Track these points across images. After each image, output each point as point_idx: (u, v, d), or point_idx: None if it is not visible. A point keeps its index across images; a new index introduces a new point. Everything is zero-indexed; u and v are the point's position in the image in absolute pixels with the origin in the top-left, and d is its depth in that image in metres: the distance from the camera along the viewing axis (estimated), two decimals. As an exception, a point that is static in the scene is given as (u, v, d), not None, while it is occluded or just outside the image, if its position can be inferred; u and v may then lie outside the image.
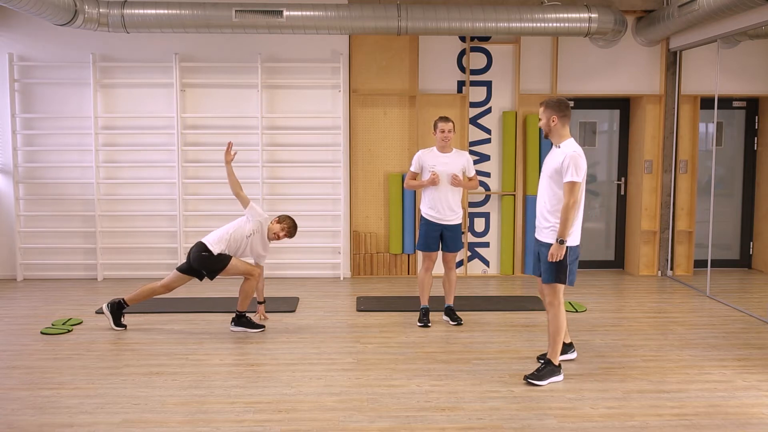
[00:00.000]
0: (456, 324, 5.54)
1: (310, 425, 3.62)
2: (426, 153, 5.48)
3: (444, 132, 5.37)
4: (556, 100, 4.32)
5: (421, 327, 5.48)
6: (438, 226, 5.47)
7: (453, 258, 5.60)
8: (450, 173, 5.37)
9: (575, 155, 4.12)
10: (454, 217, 5.48)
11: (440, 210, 5.44)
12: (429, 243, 5.51)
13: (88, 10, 6.24)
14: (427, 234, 5.50)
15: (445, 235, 5.49)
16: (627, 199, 7.84)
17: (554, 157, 4.25)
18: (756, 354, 4.82)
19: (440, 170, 5.37)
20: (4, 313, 5.94)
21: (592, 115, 7.91)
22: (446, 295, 5.68)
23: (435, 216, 5.45)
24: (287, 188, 7.37)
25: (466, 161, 5.48)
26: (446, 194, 5.42)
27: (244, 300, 5.33)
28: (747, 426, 3.62)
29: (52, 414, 3.76)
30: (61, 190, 7.28)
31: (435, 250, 5.53)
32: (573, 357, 4.65)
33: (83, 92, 7.18)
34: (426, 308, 5.58)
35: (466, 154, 5.52)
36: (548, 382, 4.21)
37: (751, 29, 6.02)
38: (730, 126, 7.86)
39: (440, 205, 5.43)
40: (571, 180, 4.09)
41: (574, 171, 4.09)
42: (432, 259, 5.56)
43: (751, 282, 7.47)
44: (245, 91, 7.25)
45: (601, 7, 6.67)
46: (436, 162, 5.40)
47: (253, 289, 5.34)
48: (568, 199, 4.09)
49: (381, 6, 6.52)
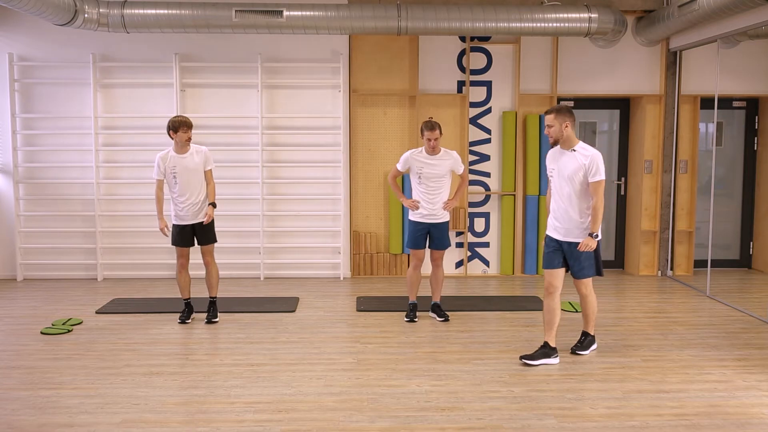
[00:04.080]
0: (443, 320, 5.65)
1: (310, 425, 3.62)
2: (415, 154, 5.57)
3: (430, 141, 5.46)
4: (565, 106, 4.58)
5: (408, 322, 5.64)
6: (425, 225, 5.60)
7: (440, 256, 5.71)
8: (438, 175, 5.51)
9: (597, 156, 4.48)
10: (441, 215, 5.58)
11: (427, 209, 5.56)
12: (417, 241, 5.63)
13: (88, 10, 6.24)
14: (414, 233, 5.64)
15: (432, 233, 5.62)
16: (627, 199, 7.84)
17: (571, 161, 4.50)
18: (756, 354, 4.82)
19: (428, 172, 5.50)
20: (4, 313, 5.94)
21: (592, 115, 7.91)
22: (433, 293, 5.80)
23: (422, 215, 5.57)
24: (287, 188, 7.37)
25: (454, 161, 5.58)
26: (434, 195, 5.54)
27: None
28: (747, 426, 3.62)
29: (52, 414, 3.76)
30: (61, 190, 7.28)
31: (423, 248, 5.66)
32: (556, 362, 4.59)
33: (83, 92, 7.18)
34: (414, 304, 5.73)
35: (454, 154, 5.60)
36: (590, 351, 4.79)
37: (751, 29, 6.02)
38: (730, 126, 7.86)
39: (427, 205, 5.55)
40: (600, 179, 4.46)
41: (601, 170, 4.47)
42: (419, 257, 5.68)
43: (751, 282, 7.47)
44: (245, 91, 7.25)
45: (601, 7, 6.67)
46: (424, 165, 5.52)
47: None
48: (600, 197, 4.48)
49: (381, 6, 6.51)
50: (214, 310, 5.70)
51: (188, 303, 5.69)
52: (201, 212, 5.48)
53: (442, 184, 5.55)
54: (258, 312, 5.96)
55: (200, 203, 5.48)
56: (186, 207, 5.43)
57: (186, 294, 5.67)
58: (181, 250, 5.55)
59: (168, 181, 5.42)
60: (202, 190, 5.48)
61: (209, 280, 5.69)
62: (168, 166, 5.38)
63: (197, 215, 5.48)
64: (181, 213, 5.45)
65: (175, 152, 5.41)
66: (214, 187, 5.59)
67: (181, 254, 5.56)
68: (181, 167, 5.37)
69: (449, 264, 7.51)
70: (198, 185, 5.45)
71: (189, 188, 5.41)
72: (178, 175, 5.37)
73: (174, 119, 5.37)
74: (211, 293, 5.73)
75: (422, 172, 5.51)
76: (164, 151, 5.46)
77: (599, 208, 4.49)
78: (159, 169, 5.41)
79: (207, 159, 5.50)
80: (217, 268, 5.71)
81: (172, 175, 5.38)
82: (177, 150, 5.41)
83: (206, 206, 5.50)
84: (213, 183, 5.56)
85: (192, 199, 5.43)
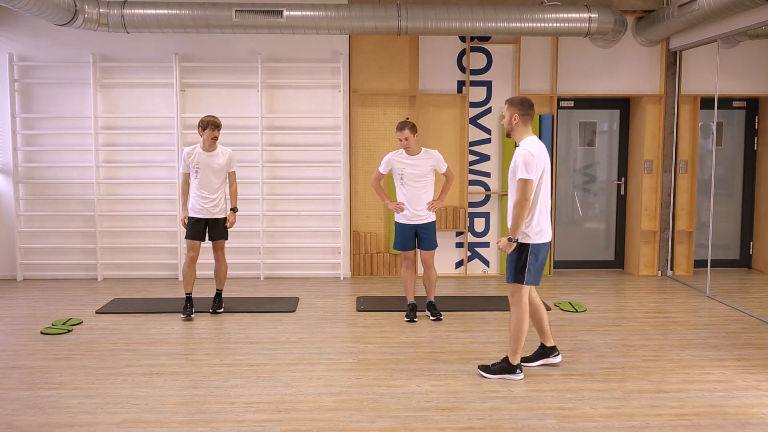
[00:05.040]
0: (435, 319, 5.69)
1: (310, 425, 3.62)
2: (396, 156, 5.60)
3: (401, 141, 5.48)
4: (520, 98, 4.31)
5: (408, 322, 5.65)
6: (411, 226, 5.62)
7: (430, 256, 5.71)
8: (420, 174, 5.52)
9: (526, 153, 4.09)
10: (426, 216, 5.60)
11: (412, 211, 5.57)
12: (404, 243, 5.67)
13: (88, 10, 6.24)
14: (401, 234, 5.67)
15: (419, 234, 5.65)
16: (627, 199, 7.84)
17: (514, 156, 4.23)
18: (756, 354, 4.82)
19: (409, 173, 5.52)
20: (4, 313, 5.94)
21: (592, 115, 7.91)
22: (427, 293, 5.83)
23: (407, 217, 5.60)
24: (287, 188, 7.37)
25: (436, 161, 5.58)
26: (417, 196, 5.56)
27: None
28: (747, 426, 3.62)
29: (52, 414, 3.76)
30: (61, 190, 7.29)
31: (411, 248, 5.69)
32: (557, 361, 4.55)
33: (83, 92, 7.19)
34: (412, 304, 5.75)
35: (435, 153, 5.60)
36: (498, 377, 4.28)
37: (751, 29, 6.02)
38: (730, 126, 7.86)
39: (412, 207, 5.57)
40: (520, 177, 4.08)
41: (523, 168, 4.07)
42: (409, 257, 5.73)
43: (751, 282, 7.47)
44: (245, 91, 7.25)
45: (601, 7, 6.67)
46: (405, 165, 5.54)
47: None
48: (518, 197, 4.10)
49: (381, 6, 6.52)
50: (219, 301, 5.95)
51: (189, 297, 5.80)
52: (216, 209, 5.73)
53: (425, 184, 5.56)
54: (258, 312, 5.96)
55: (216, 200, 5.72)
56: (202, 201, 5.68)
57: (189, 288, 5.81)
58: (192, 243, 5.75)
59: (192, 174, 5.70)
60: (220, 189, 5.76)
61: (218, 273, 5.93)
62: (192, 161, 5.66)
63: (211, 211, 5.71)
64: (198, 207, 5.69)
65: (201, 149, 5.69)
66: (236, 190, 5.88)
67: (192, 247, 5.76)
68: (204, 164, 5.65)
69: (449, 264, 7.52)
70: (217, 184, 5.72)
71: (208, 185, 5.67)
72: (200, 171, 5.65)
73: (204, 118, 5.66)
74: (219, 286, 5.97)
75: (404, 173, 5.54)
76: (191, 146, 5.74)
77: (517, 208, 4.09)
78: (184, 162, 5.69)
79: (231, 160, 5.79)
80: (226, 264, 5.97)
81: (194, 170, 5.66)
82: (204, 147, 5.69)
83: (222, 204, 5.77)
84: (236, 185, 5.87)
85: (209, 195, 5.68)
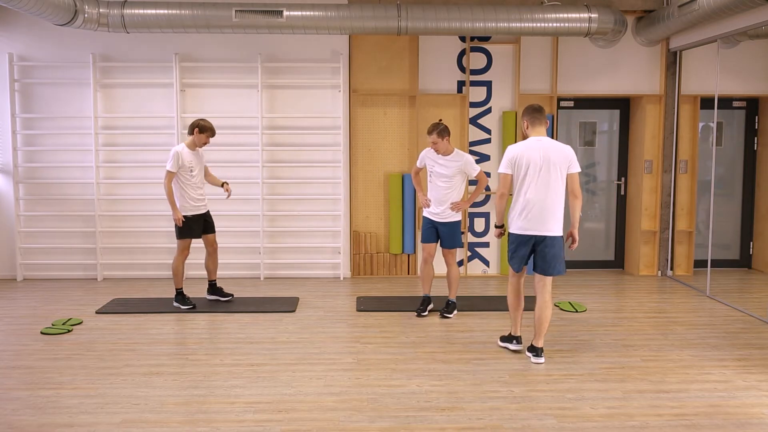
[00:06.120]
0: (441, 317, 5.75)
1: (310, 425, 3.62)
2: (428, 152, 5.73)
3: (434, 144, 5.57)
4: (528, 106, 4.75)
5: (416, 316, 5.77)
6: (433, 221, 5.74)
7: (450, 254, 5.78)
8: (446, 175, 5.60)
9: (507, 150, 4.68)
10: (446, 215, 5.67)
11: (434, 208, 5.70)
12: (426, 235, 5.79)
13: (88, 10, 6.24)
14: (424, 226, 5.81)
15: (440, 231, 5.73)
16: (627, 199, 7.84)
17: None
18: (756, 354, 4.82)
19: (438, 171, 5.64)
20: (4, 313, 5.94)
21: (592, 115, 7.91)
22: (449, 290, 5.89)
23: (430, 212, 5.73)
24: (287, 188, 7.37)
25: (464, 164, 5.61)
26: (441, 195, 5.65)
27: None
28: (747, 426, 3.62)
29: (52, 414, 3.76)
30: (61, 190, 7.28)
31: (432, 242, 5.77)
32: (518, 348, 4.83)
33: (83, 92, 7.19)
34: (426, 297, 5.86)
35: (465, 156, 5.63)
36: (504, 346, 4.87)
37: (751, 29, 6.02)
38: (729, 126, 7.86)
39: (435, 204, 5.70)
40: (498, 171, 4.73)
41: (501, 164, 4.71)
42: (428, 251, 5.79)
43: (751, 282, 7.47)
44: (245, 91, 7.25)
45: (601, 7, 6.67)
46: (434, 163, 5.67)
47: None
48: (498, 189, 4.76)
49: (381, 6, 6.51)
50: (215, 290, 6.29)
51: (182, 291, 6.11)
52: (206, 201, 6.10)
53: (450, 185, 5.61)
54: (258, 312, 5.96)
55: (205, 194, 6.10)
56: (199, 198, 5.98)
57: (181, 284, 6.10)
58: (188, 242, 6.01)
59: (184, 174, 5.83)
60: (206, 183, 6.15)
61: (213, 265, 6.23)
62: (185, 161, 5.83)
63: (205, 205, 6.10)
64: (194, 204, 5.94)
65: (189, 149, 5.88)
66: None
67: (188, 246, 6.03)
68: (196, 163, 5.93)
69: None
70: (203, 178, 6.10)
71: (202, 181, 6.02)
72: (195, 169, 5.91)
73: (205, 123, 5.89)
74: (214, 276, 6.28)
75: (433, 170, 5.67)
76: (179, 146, 5.87)
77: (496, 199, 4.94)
78: (176, 163, 5.79)
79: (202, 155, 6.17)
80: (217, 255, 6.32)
81: (189, 168, 5.85)
82: (191, 147, 5.90)
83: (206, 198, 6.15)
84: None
85: (203, 190, 6.03)
